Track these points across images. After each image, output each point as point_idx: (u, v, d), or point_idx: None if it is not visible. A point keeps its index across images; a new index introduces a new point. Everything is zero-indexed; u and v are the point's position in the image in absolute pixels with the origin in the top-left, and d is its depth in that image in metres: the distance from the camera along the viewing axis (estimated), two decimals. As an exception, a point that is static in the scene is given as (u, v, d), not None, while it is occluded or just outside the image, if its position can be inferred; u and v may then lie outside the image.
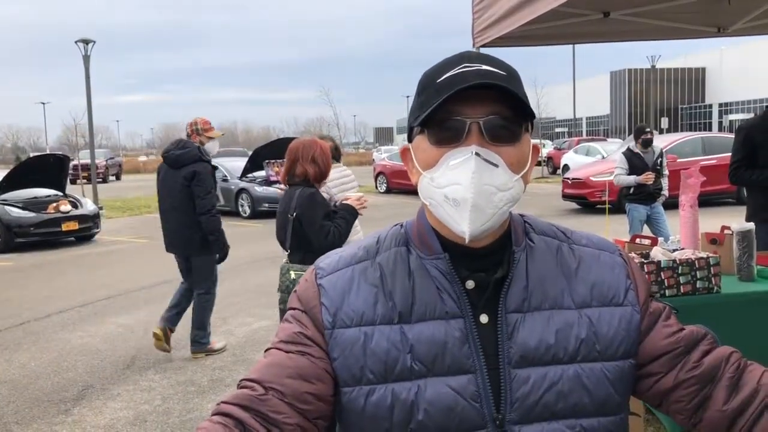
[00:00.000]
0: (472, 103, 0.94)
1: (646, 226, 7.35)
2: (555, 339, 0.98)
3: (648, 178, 7.10)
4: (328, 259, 1.08)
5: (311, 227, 3.47)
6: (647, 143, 7.39)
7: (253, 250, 10.89)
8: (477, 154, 0.93)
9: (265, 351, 1.05)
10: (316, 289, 1.03)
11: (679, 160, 13.73)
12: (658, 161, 7.38)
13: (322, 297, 1.02)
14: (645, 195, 7.22)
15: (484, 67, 0.96)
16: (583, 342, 0.99)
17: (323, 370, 0.99)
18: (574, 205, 16.06)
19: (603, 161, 17.34)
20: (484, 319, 0.99)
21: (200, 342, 5.52)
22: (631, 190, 7.29)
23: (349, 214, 3.62)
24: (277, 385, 0.97)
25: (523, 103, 0.95)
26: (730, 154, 4.55)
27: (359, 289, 1.02)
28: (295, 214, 3.49)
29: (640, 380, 1.06)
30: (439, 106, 0.93)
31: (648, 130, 7.54)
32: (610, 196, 12.21)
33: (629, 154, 7.38)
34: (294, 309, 1.05)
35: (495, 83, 0.93)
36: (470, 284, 1.00)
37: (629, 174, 7.25)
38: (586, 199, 15.16)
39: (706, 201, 13.07)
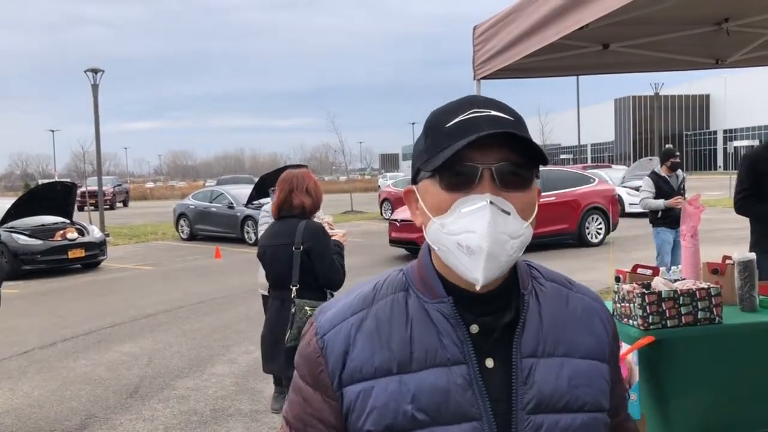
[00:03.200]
0: (483, 149, 0.93)
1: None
2: (567, 386, 0.99)
3: (678, 202, 6.97)
4: (326, 314, 1.06)
5: (322, 261, 3.40)
6: (675, 167, 7.33)
7: (257, 278, 10.90)
8: (491, 202, 0.93)
9: (281, 427, 1.08)
10: (320, 352, 1.01)
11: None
12: (682, 185, 7.37)
13: (327, 357, 1.01)
14: (673, 219, 7.10)
15: (493, 112, 0.97)
16: (591, 393, 1.00)
17: None
18: (403, 251, 13.50)
19: None
20: (489, 363, 0.98)
21: None
22: (659, 215, 7.22)
23: (341, 248, 3.63)
24: None
25: (534, 149, 0.95)
26: (569, 190, 4.56)
27: (355, 343, 1.00)
28: (302, 247, 3.40)
29: None
30: (449, 155, 0.93)
31: (677, 153, 7.49)
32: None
33: (655, 178, 7.31)
34: (303, 381, 1.05)
35: (510, 131, 0.93)
36: (474, 329, 0.98)
37: (656, 198, 7.21)
38: (416, 244, 12.33)
39: (545, 244, 12.44)
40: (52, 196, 13.14)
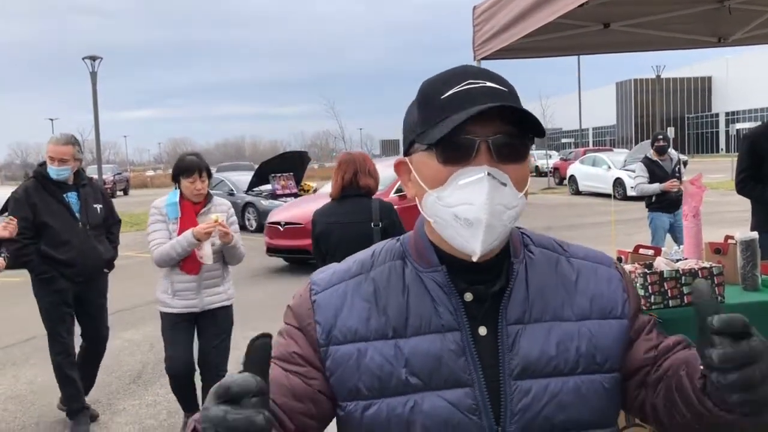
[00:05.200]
0: (480, 121, 0.93)
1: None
2: (556, 351, 0.98)
3: (673, 185, 6.99)
4: (323, 273, 1.08)
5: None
6: (662, 150, 7.33)
7: (257, 264, 10.91)
8: (489, 174, 0.93)
9: None
10: (310, 305, 1.03)
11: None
12: (677, 168, 7.34)
13: (316, 315, 1.02)
14: (668, 203, 7.12)
15: (488, 84, 0.96)
16: (584, 354, 0.99)
17: (316, 390, 1.00)
18: (281, 262, 10.98)
19: (324, 196, 10.36)
20: (482, 331, 0.99)
21: None
22: (654, 199, 7.21)
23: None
24: (274, 401, 0.98)
25: (530, 121, 0.94)
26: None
27: (352, 305, 1.01)
28: (381, 224, 3.55)
29: (625, 394, 1.06)
30: (448, 129, 0.92)
31: (661, 137, 7.48)
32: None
33: (648, 162, 7.30)
34: (289, 325, 1.05)
35: (509, 104, 0.93)
36: (468, 297, 1.00)
37: (651, 182, 7.20)
38: (309, 252, 10.15)
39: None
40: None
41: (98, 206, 4.39)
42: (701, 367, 0.86)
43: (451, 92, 0.95)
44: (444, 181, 0.95)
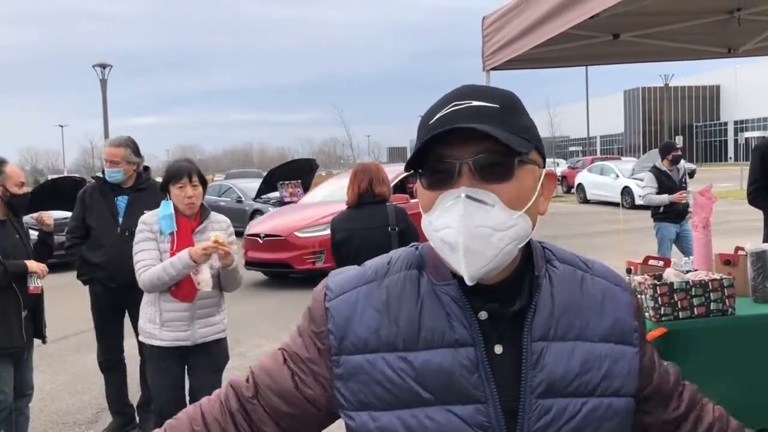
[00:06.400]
0: (459, 143, 0.92)
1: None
2: (579, 370, 0.97)
3: (682, 196, 6.97)
4: (338, 276, 1.07)
5: (415, 241, 3.69)
6: (676, 160, 7.30)
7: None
8: (468, 196, 0.91)
9: (279, 348, 1.09)
10: (324, 312, 1.02)
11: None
12: (683, 179, 7.32)
13: (329, 322, 1.01)
14: (675, 213, 7.10)
15: (475, 103, 0.94)
16: (604, 377, 0.99)
17: (304, 400, 1.02)
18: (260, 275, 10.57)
19: (305, 207, 11.18)
20: (498, 349, 0.97)
21: None
22: (661, 209, 7.19)
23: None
24: (264, 395, 1.04)
25: (514, 138, 0.92)
26: None
27: (362, 314, 1.00)
28: (397, 228, 3.73)
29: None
30: (428, 150, 0.93)
31: (677, 146, 7.44)
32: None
33: (657, 173, 7.26)
34: (304, 326, 1.06)
35: (472, 126, 0.90)
36: (483, 315, 0.98)
37: (659, 193, 7.18)
38: (290, 266, 9.62)
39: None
40: (61, 192, 13.21)
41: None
42: None
43: (437, 116, 0.95)
44: (430, 206, 0.95)
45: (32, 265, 3.71)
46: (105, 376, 4.51)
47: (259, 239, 9.93)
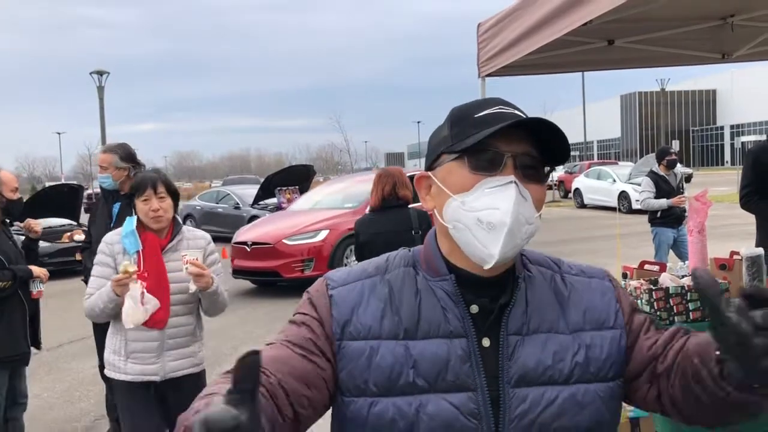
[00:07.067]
0: (508, 139, 1.02)
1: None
2: (552, 360, 1.04)
3: (681, 201, 7.00)
4: (339, 272, 1.13)
5: None
6: (672, 164, 7.33)
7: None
8: (517, 185, 1.01)
9: (268, 344, 1.07)
10: (327, 300, 1.07)
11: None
12: (680, 183, 7.35)
13: (333, 308, 1.05)
14: (672, 218, 7.13)
15: (517, 111, 1.06)
16: (578, 364, 1.04)
17: (323, 380, 1.03)
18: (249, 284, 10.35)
19: (293, 214, 10.91)
20: (486, 342, 1.04)
21: None
22: (658, 214, 7.22)
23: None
24: (283, 381, 0.99)
25: (560, 142, 1.04)
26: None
27: (368, 303, 1.06)
28: (420, 231, 3.84)
29: (635, 393, 1.10)
30: (483, 137, 1.01)
31: (672, 151, 7.47)
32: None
33: (654, 177, 7.29)
34: (306, 315, 1.07)
35: (543, 121, 1.01)
36: (474, 308, 1.05)
37: (656, 197, 7.20)
38: (278, 274, 9.37)
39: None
40: (58, 199, 13.20)
41: None
42: (716, 353, 0.91)
43: (485, 113, 1.05)
44: (470, 188, 1.02)
45: (36, 269, 3.74)
46: (107, 383, 4.50)
47: (246, 247, 9.73)
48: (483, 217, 1.00)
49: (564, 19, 3.17)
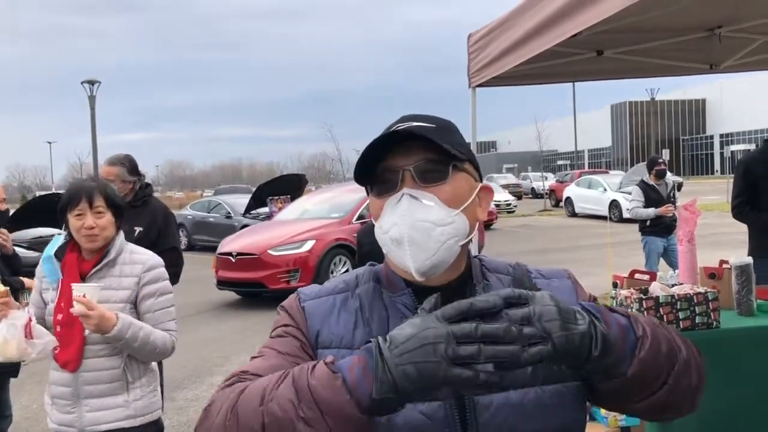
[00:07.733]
0: (402, 154, 1.06)
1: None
2: None
3: (669, 210, 7.08)
4: (310, 288, 1.17)
5: None
6: (661, 174, 7.39)
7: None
8: (409, 195, 1.04)
9: (257, 354, 1.09)
10: (301, 311, 1.12)
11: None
12: (671, 193, 7.41)
13: (307, 319, 1.10)
14: (662, 227, 7.19)
15: (414, 123, 1.08)
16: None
17: None
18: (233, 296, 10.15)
19: (279, 224, 10.85)
20: None
21: None
22: (648, 223, 7.27)
23: None
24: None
25: (451, 139, 1.06)
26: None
27: (339, 315, 1.10)
28: None
29: (595, 393, 1.07)
30: (375, 161, 1.06)
31: (661, 160, 7.55)
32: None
33: (644, 187, 7.36)
34: (287, 326, 1.11)
35: (419, 133, 1.03)
36: None
37: (646, 207, 7.25)
38: (263, 285, 9.22)
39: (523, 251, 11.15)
40: (49, 208, 13.09)
41: (139, 229, 3.86)
42: None
43: (379, 136, 1.07)
44: (380, 213, 1.08)
45: (27, 281, 3.72)
46: None
47: (231, 258, 9.59)
48: (392, 235, 1.05)
49: (554, 30, 3.20)
